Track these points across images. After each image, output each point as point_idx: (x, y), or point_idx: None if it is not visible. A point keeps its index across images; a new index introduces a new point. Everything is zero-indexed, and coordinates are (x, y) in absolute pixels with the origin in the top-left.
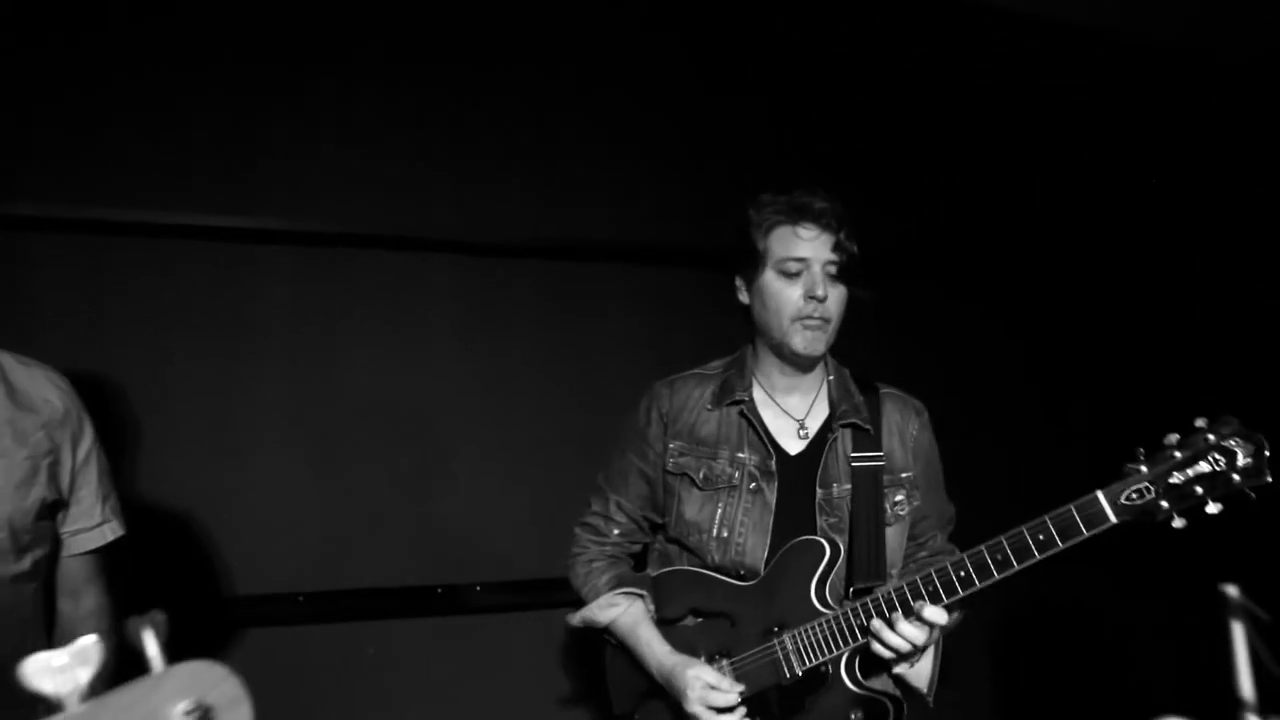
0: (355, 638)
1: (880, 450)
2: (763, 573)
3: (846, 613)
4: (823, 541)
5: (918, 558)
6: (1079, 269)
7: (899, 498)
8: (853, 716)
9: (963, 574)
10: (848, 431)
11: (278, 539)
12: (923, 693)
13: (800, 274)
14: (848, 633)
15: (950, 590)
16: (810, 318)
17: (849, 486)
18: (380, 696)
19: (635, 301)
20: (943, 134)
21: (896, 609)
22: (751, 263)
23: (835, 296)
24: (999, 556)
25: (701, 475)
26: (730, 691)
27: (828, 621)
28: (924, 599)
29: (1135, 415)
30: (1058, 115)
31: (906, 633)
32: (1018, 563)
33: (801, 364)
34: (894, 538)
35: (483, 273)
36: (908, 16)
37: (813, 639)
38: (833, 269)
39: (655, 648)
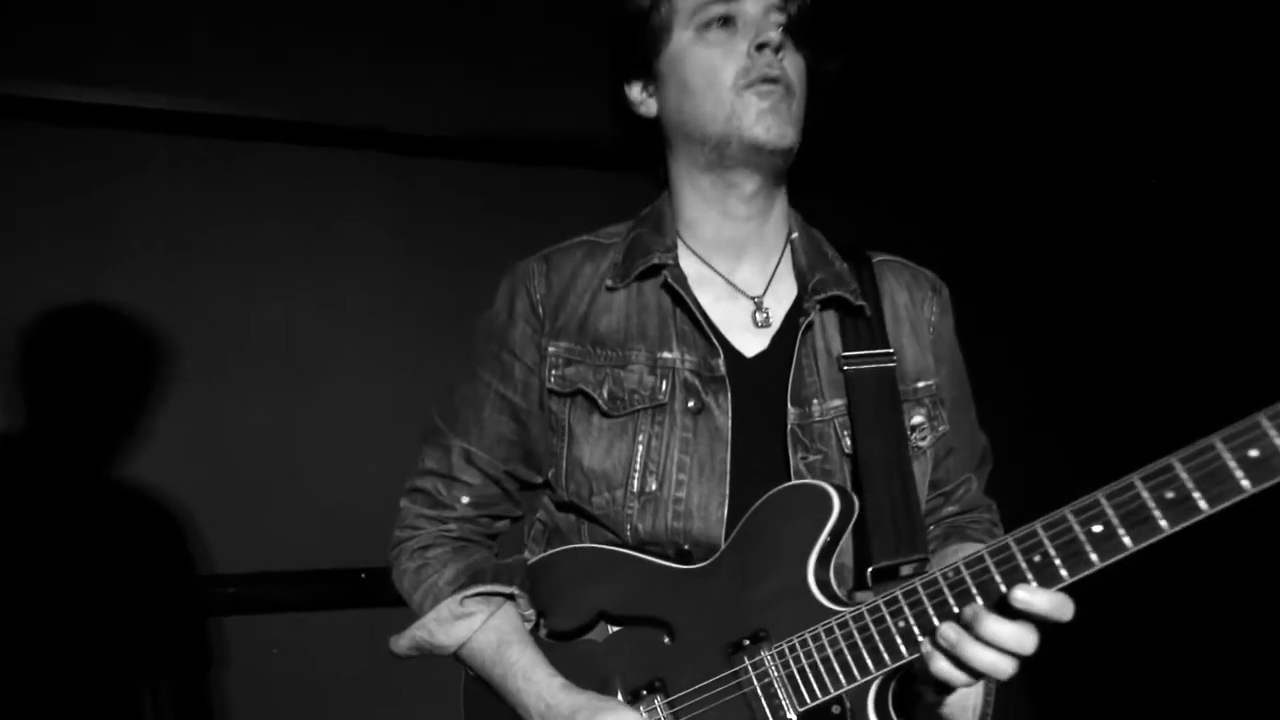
0: (261, 632)
1: (888, 344)
2: (721, 548)
3: (878, 608)
4: (826, 489)
5: (944, 516)
6: (1086, 189)
7: (916, 420)
8: None
9: (1098, 529)
10: (831, 315)
11: (160, 507)
12: None
13: (732, 21)
14: (882, 645)
15: (1077, 559)
16: (765, 80)
17: (840, 403)
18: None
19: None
20: (949, 40)
21: (974, 598)
22: (648, 44)
23: (792, 63)
24: (1170, 495)
25: (606, 394)
26: None
27: (841, 627)
28: (1027, 576)
29: (1146, 338)
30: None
31: (999, 636)
32: (1209, 505)
33: (762, 172)
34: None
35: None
36: None
37: (816, 659)
38: (780, 19)
39: (537, 681)
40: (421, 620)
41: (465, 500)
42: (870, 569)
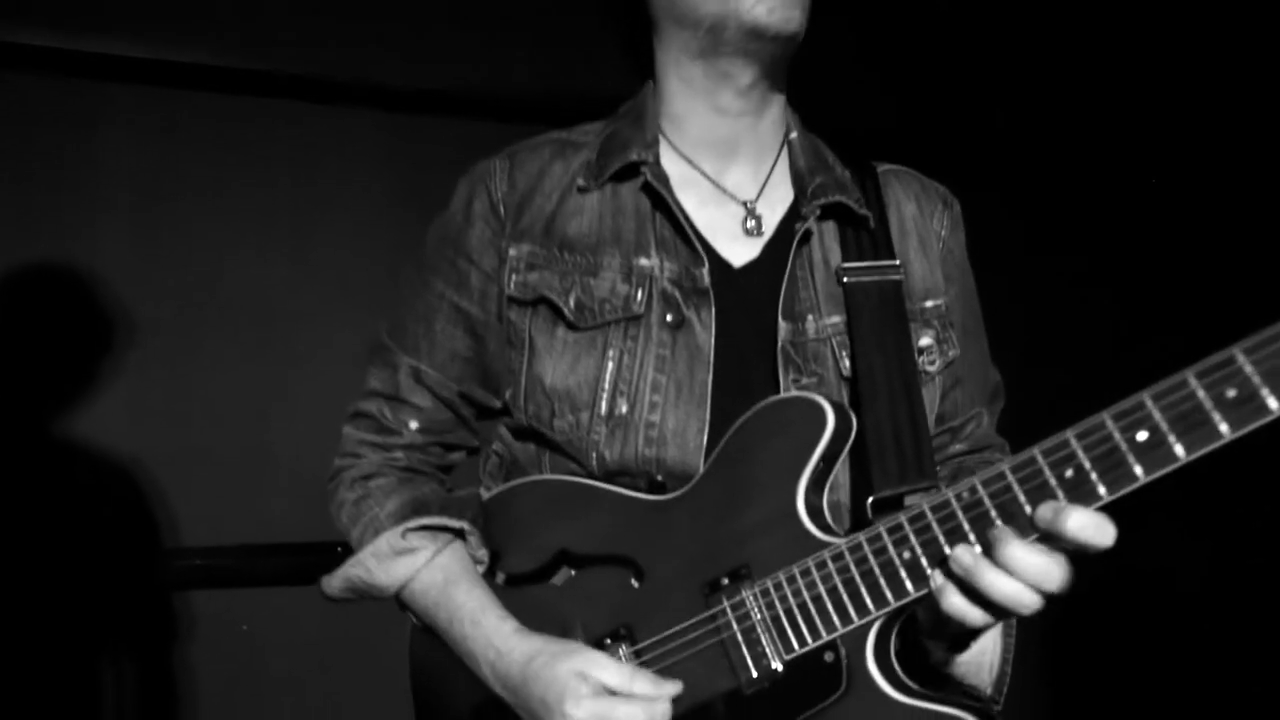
0: (230, 607)
1: (893, 256)
2: (700, 473)
3: (879, 537)
4: (819, 401)
5: (951, 455)
6: (1089, 156)
7: (924, 341)
8: None
9: (1143, 436)
10: (830, 226)
11: (125, 477)
12: (983, 693)
13: None
14: (883, 580)
15: (1118, 473)
16: None
17: (839, 319)
18: (259, 677)
19: None
20: (950, 7)
21: (993, 521)
22: None
23: None
24: (1232, 393)
25: (573, 302)
26: (656, 695)
27: (836, 560)
28: (1058, 494)
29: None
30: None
31: (1022, 565)
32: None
33: (761, 62)
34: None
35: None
36: None
37: (806, 598)
38: None
39: (487, 626)
40: (358, 555)
41: (414, 426)
42: (871, 499)
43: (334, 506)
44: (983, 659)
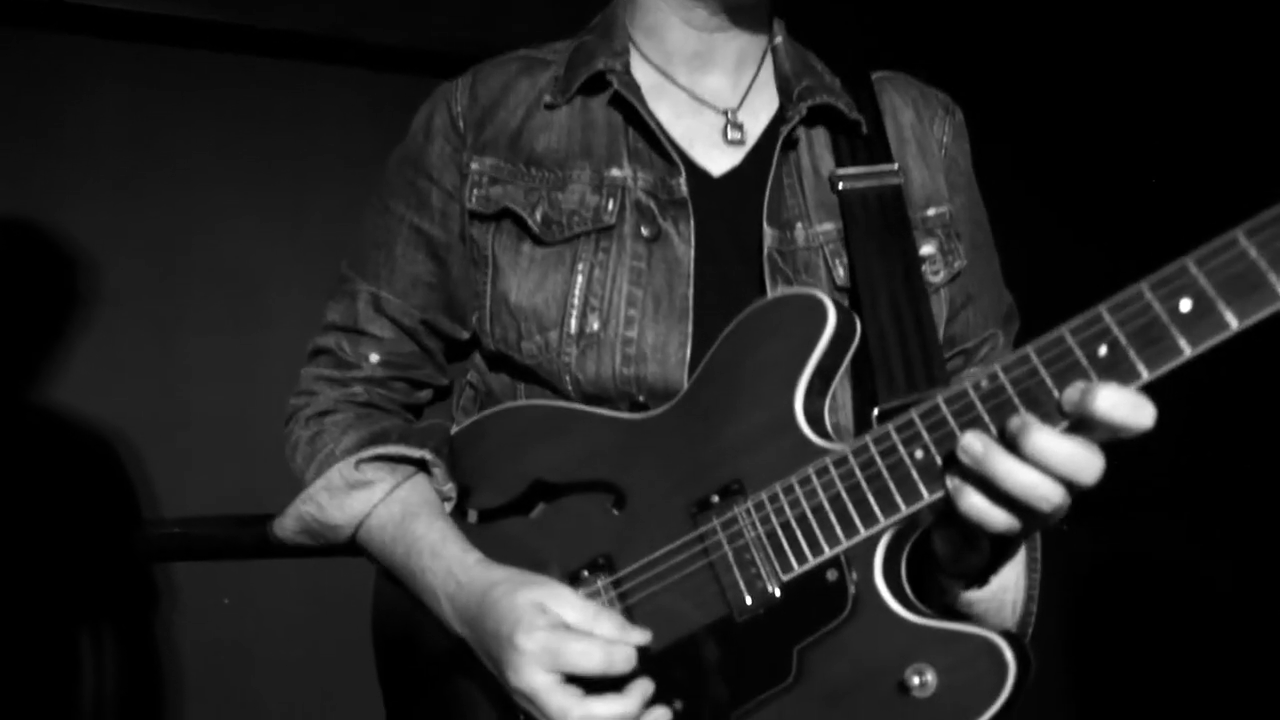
0: (212, 579)
1: (891, 160)
2: (686, 388)
3: (886, 436)
4: (819, 297)
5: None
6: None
7: (927, 250)
8: (914, 681)
9: (1187, 306)
10: (820, 132)
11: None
12: (1005, 628)
13: None
14: (893, 485)
15: (1160, 347)
16: None
17: (832, 227)
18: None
19: None
20: None
21: (1016, 409)
22: None
23: None
24: None
25: (539, 216)
26: (618, 639)
27: (839, 465)
28: (1090, 375)
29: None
30: None
31: (1048, 452)
32: None
33: None
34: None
35: None
36: None
37: (805, 509)
38: None
39: (447, 557)
40: (308, 490)
41: (374, 358)
42: (877, 410)
43: (288, 448)
44: (1004, 596)
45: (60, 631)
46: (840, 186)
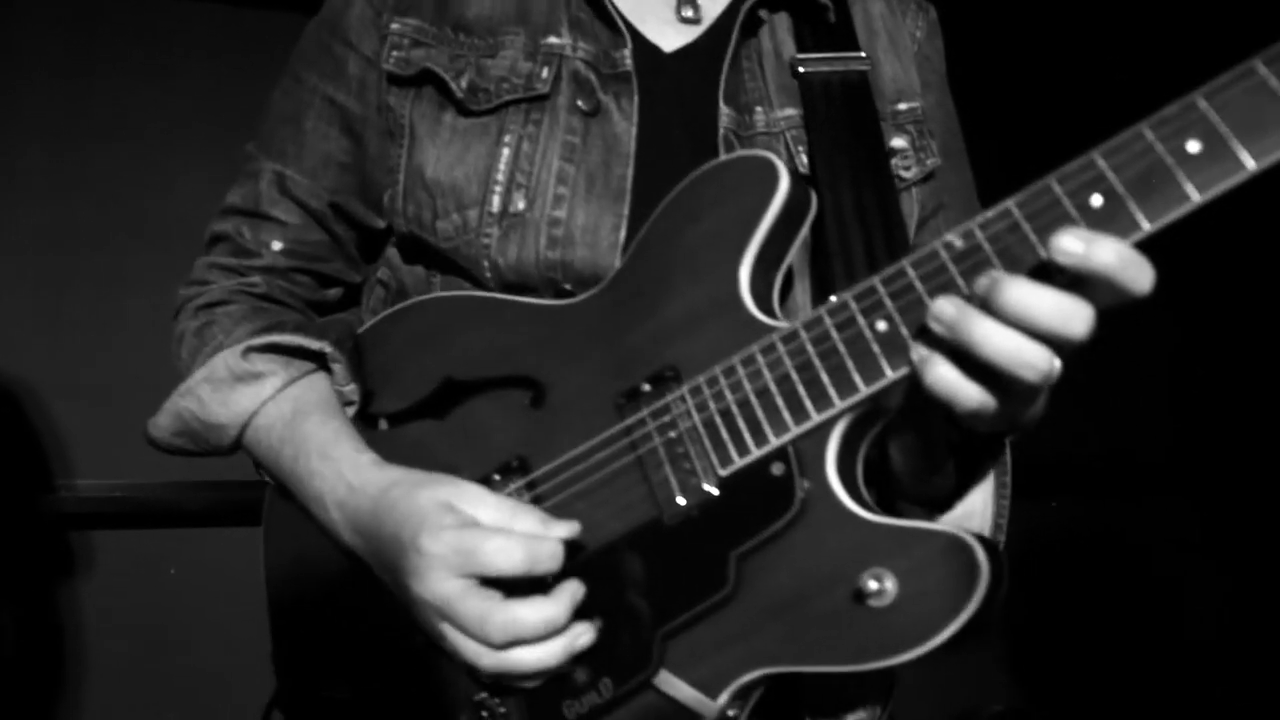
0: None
1: (858, 48)
2: (616, 268)
3: (844, 306)
4: (769, 158)
5: None
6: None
7: (898, 143)
8: (871, 587)
9: (1195, 146)
10: (783, 18)
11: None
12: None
13: None
14: (850, 361)
15: (1162, 193)
16: None
17: (794, 112)
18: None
19: None
20: None
21: (993, 261)
22: None
23: None
24: None
25: (465, 83)
26: (541, 534)
27: (788, 342)
28: (1071, 215)
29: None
30: None
31: (1030, 304)
32: None
33: None
34: None
35: None
36: None
37: (749, 393)
38: None
39: (339, 458)
40: (188, 382)
41: (277, 246)
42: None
43: (173, 343)
44: (969, 523)
45: None
46: (802, 70)
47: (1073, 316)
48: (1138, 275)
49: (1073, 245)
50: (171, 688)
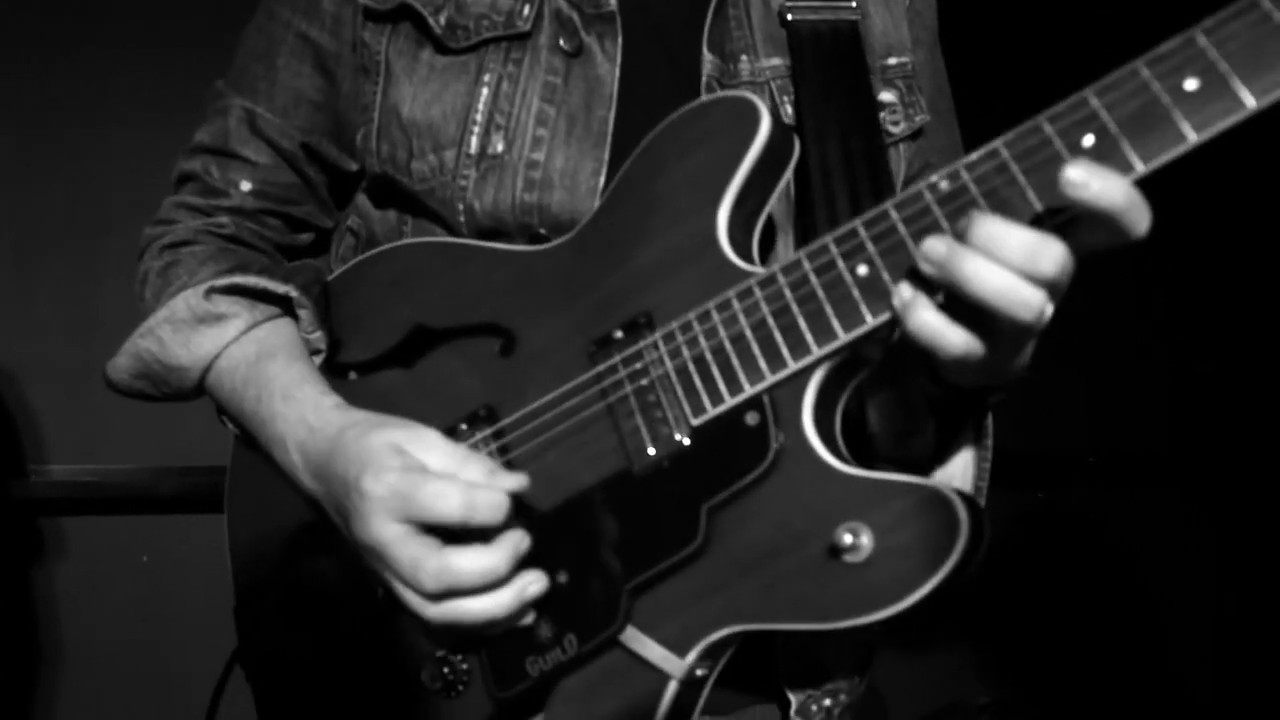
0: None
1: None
2: (591, 212)
3: (824, 250)
4: (750, 99)
5: None
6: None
7: (886, 97)
8: (846, 542)
9: (1193, 84)
10: None
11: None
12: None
13: None
14: (829, 306)
15: (1156, 130)
16: None
17: (780, 62)
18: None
19: None
20: None
21: (979, 203)
22: None
23: None
24: None
25: (443, 20)
26: (487, 483)
27: (765, 287)
28: (1062, 156)
29: None
30: None
31: (1014, 244)
32: None
33: None
34: None
35: None
36: None
37: (723, 339)
38: None
39: (301, 400)
40: (148, 322)
41: (246, 186)
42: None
43: (136, 283)
44: (951, 470)
45: None
46: (790, 18)
47: (1041, 254)
48: (1139, 217)
49: (1080, 176)
50: (144, 674)
